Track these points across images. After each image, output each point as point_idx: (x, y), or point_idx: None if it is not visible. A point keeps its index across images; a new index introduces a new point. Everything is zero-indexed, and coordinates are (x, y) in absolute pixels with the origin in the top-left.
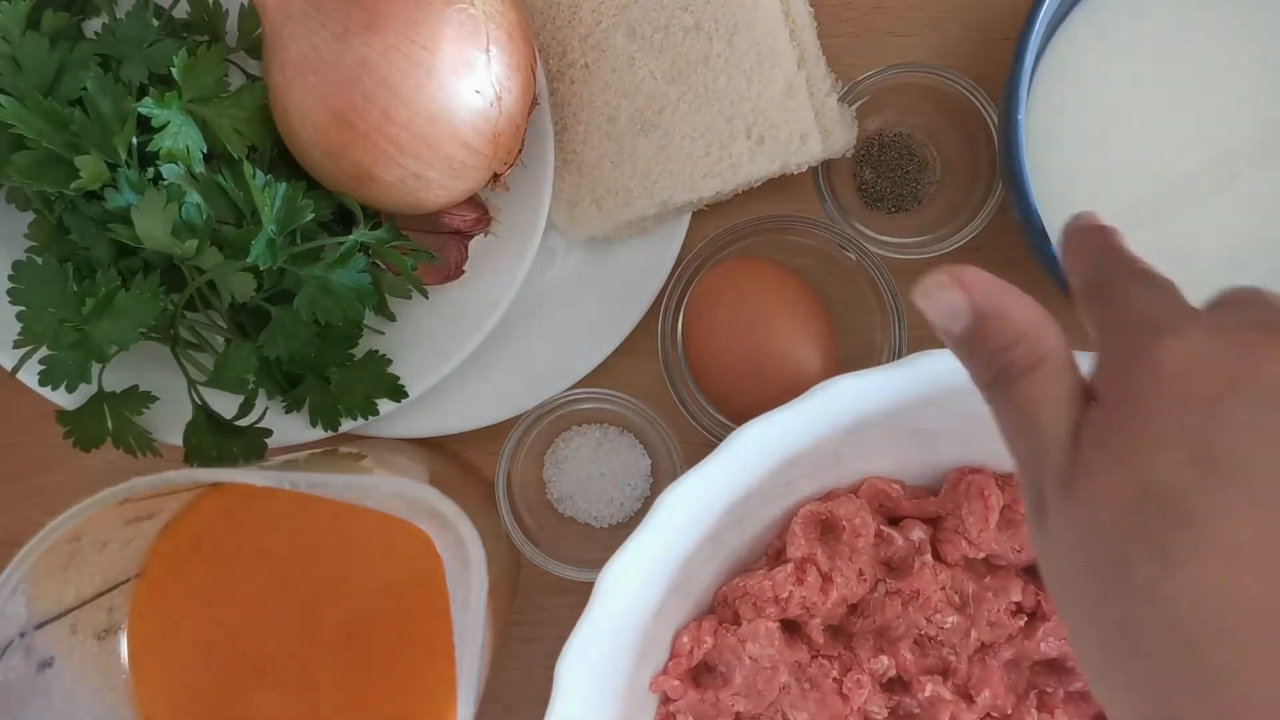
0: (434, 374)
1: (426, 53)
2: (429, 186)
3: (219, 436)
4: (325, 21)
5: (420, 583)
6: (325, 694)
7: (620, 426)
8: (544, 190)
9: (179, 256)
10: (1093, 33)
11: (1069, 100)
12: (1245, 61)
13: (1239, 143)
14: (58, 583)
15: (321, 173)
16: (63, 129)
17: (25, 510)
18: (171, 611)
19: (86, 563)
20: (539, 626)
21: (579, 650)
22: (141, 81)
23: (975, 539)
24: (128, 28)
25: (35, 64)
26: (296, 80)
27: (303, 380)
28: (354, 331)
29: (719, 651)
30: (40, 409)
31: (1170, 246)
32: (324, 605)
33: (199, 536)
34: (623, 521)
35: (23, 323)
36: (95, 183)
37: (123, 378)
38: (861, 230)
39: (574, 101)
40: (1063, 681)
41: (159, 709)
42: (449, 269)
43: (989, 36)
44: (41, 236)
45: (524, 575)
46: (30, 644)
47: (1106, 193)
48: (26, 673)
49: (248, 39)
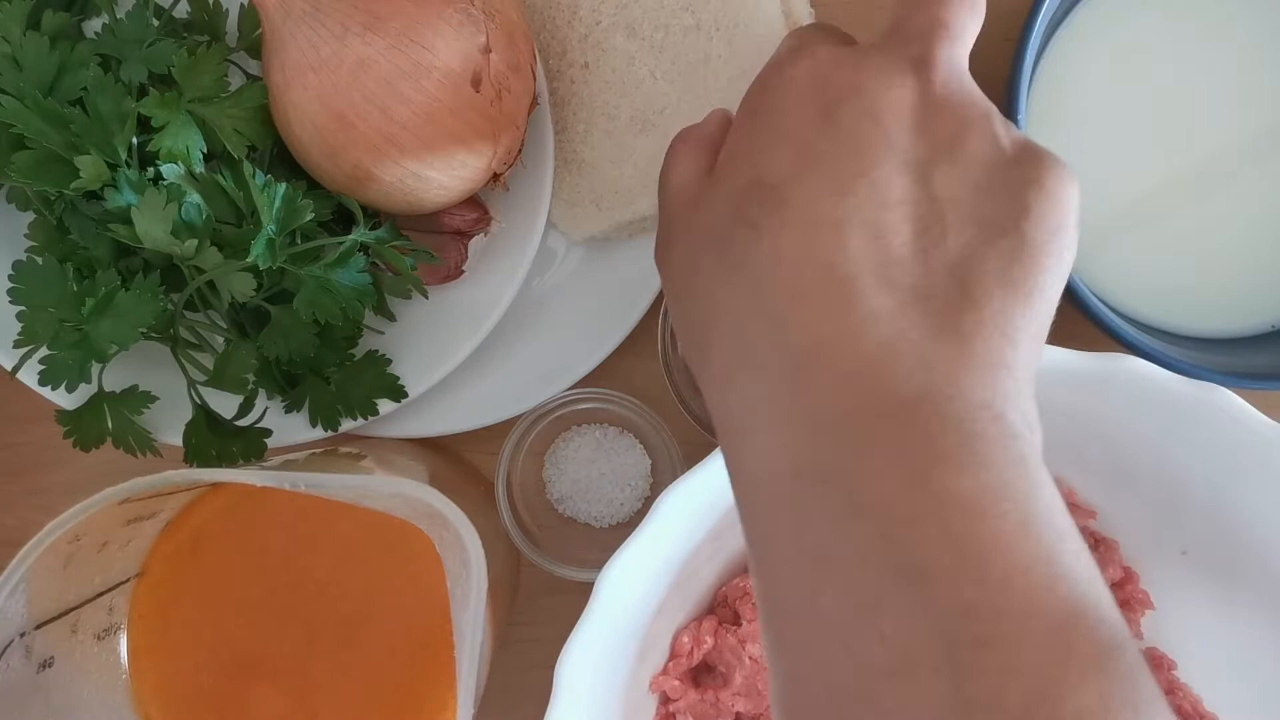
0: (434, 374)
1: (426, 53)
2: (429, 186)
3: (219, 436)
4: (325, 21)
5: (420, 583)
6: (325, 694)
7: (620, 427)
8: (544, 190)
9: (179, 256)
10: (1093, 33)
11: (1069, 100)
12: (1244, 61)
13: (1238, 142)
14: (58, 583)
15: (321, 172)
16: (63, 129)
17: (25, 510)
18: (171, 611)
19: (86, 563)
20: (539, 626)
21: (579, 650)
22: (141, 81)
23: None
24: (128, 28)
25: (35, 64)
26: (296, 80)
27: (303, 380)
28: (354, 331)
29: (719, 651)
30: (40, 409)
31: (1170, 245)
32: (324, 605)
33: (199, 536)
34: (623, 521)
35: (23, 323)
36: (95, 183)
37: (123, 378)
38: None
39: (573, 101)
40: None
41: (159, 709)
42: (449, 269)
43: (989, 36)
44: (41, 236)
45: (524, 575)
46: (30, 644)
47: (1106, 192)
48: (26, 673)
49: (248, 39)
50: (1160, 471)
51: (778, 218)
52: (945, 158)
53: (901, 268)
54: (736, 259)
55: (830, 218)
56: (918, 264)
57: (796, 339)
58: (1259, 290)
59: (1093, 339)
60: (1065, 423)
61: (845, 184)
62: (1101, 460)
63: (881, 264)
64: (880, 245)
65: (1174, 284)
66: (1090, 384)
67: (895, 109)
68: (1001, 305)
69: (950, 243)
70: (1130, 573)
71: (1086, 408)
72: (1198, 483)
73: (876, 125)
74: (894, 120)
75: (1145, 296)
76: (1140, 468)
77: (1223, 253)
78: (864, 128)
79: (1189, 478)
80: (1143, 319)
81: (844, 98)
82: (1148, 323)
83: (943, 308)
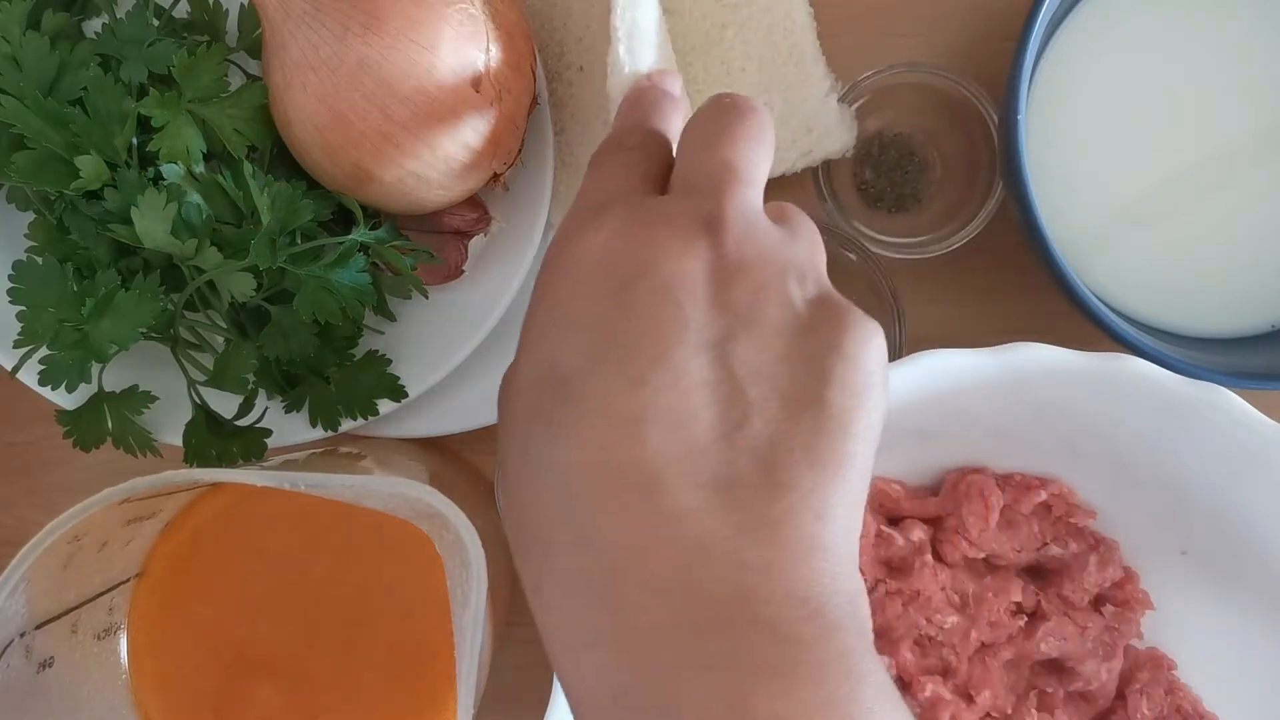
0: (434, 374)
1: (426, 53)
2: (428, 186)
3: (219, 436)
4: (325, 21)
5: (420, 583)
6: (325, 694)
7: None
8: (544, 190)
9: (179, 256)
10: (1093, 32)
11: (1069, 100)
12: (1245, 61)
13: (1239, 141)
14: (58, 583)
15: (321, 172)
16: (63, 129)
17: (25, 510)
18: (171, 611)
19: (86, 563)
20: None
21: None
22: (141, 81)
23: (975, 539)
24: (128, 28)
25: (35, 64)
26: (296, 80)
27: (303, 380)
28: (354, 331)
29: None
30: (40, 409)
31: (1170, 245)
32: (324, 605)
33: (199, 536)
34: None
35: (23, 323)
36: (95, 183)
37: (123, 378)
38: (862, 230)
39: (571, 103)
40: (1063, 681)
41: (159, 709)
42: (448, 269)
43: (989, 36)
44: (41, 236)
45: None
46: (30, 644)
47: (1106, 192)
48: (26, 673)
49: (248, 39)
50: (1160, 471)
51: (573, 414)
52: (743, 331)
53: (706, 457)
54: (535, 460)
55: (627, 411)
56: (722, 450)
57: (602, 549)
58: (1259, 290)
59: (1093, 339)
60: (1065, 423)
61: (641, 372)
62: (1101, 460)
63: (685, 455)
64: (682, 436)
65: (1174, 284)
66: (1090, 384)
67: (688, 283)
68: (812, 485)
69: (754, 423)
70: (1130, 573)
71: (1086, 408)
72: (1198, 483)
73: (669, 302)
74: (687, 296)
75: (1145, 296)
76: (1140, 468)
77: (1223, 253)
78: (657, 307)
79: (1189, 477)
80: (1143, 319)
81: (636, 275)
82: (1148, 323)
83: (751, 496)
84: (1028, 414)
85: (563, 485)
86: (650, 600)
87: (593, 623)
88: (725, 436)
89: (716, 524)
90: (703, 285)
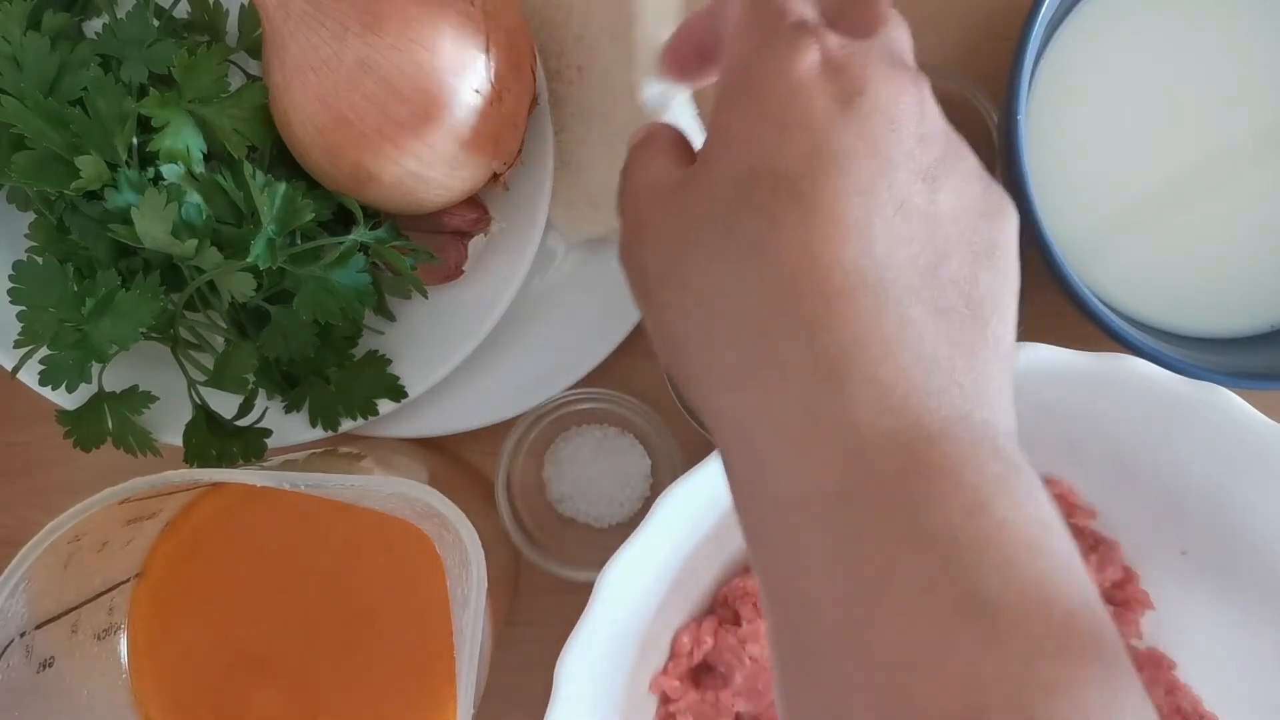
0: (434, 374)
1: (426, 53)
2: (428, 186)
3: (219, 436)
4: (325, 21)
5: (420, 583)
6: (325, 694)
7: (620, 427)
8: (544, 190)
9: (179, 256)
10: (1093, 33)
11: (1069, 100)
12: (1245, 61)
13: (1239, 142)
14: (58, 583)
15: (321, 172)
16: (63, 129)
17: (25, 510)
18: (171, 611)
19: (86, 563)
20: (539, 627)
21: (579, 650)
22: (141, 81)
23: None
24: (128, 28)
25: (35, 64)
26: (296, 80)
27: (303, 380)
28: (354, 331)
29: (719, 651)
30: (40, 409)
31: (1170, 245)
32: (324, 605)
33: (199, 536)
34: (623, 521)
35: (23, 323)
36: (95, 183)
37: (123, 378)
38: None
39: (571, 103)
40: None
41: (159, 709)
42: (448, 269)
43: (989, 36)
44: (41, 236)
45: (524, 575)
46: (30, 644)
47: (1107, 192)
48: (26, 673)
49: (248, 39)
50: (1160, 471)
51: (797, 211)
52: (945, 174)
53: (921, 278)
54: (747, 247)
55: (855, 218)
56: (930, 276)
57: (830, 342)
58: (1259, 290)
59: (1093, 339)
60: (1065, 423)
61: (868, 184)
62: (1101, 460)
63: (906, 272)
64: (901, 255)
65: (1174, 284)
66: (1090, 384)
67: (907, 115)
68: (996, 327)
69: (952, 259)
70: (1130, 573)
71: (1087, 408)
72: (1198, 483)
73: (892, 127)
74: (907, 125)
75: (1145, 296)
76: (1140, 467)
77: (1223, 253)
78: (879, 127)
79: (1189, 478)
80: (1143, 319)
81: (863, 90)
82: (1148, 323)
83: (959, 324)
84: (1028, 414)
85: (789, 275)
86: (879, 397)
87: (817, 415)
88: (931, 266)
89: (938, 341)
90: (915, 122)
